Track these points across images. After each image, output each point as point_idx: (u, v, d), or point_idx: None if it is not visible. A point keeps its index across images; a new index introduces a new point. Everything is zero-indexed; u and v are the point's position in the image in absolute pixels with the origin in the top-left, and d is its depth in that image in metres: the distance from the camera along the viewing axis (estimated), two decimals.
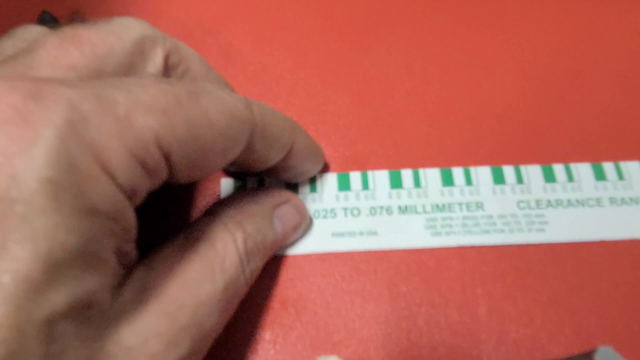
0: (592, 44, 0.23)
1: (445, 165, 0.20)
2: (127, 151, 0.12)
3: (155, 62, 0.16)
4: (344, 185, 0.20)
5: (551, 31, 0.24)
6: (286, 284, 0.19)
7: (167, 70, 0.16)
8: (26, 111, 0.11)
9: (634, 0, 0.24)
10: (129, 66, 0.15)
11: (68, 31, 0.14)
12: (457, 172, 0.20)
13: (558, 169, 0.20)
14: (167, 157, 0.13)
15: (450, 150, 0.21)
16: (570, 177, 0.20)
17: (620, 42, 0.23)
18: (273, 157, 0.17)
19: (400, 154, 0.21)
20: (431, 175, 0.20)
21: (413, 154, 0.21)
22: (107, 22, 0.15)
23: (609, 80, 0.22)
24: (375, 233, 0.19)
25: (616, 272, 0.19)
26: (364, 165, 0.21)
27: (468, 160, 0.21)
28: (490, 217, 0.19)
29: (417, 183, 0.20)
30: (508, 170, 0.20)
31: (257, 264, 0.16)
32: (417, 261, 0.19)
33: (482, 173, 0.20)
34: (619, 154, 0.21)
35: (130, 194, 0.12)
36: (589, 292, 0.18)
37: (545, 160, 0.20)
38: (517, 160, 0.21)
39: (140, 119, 0.12)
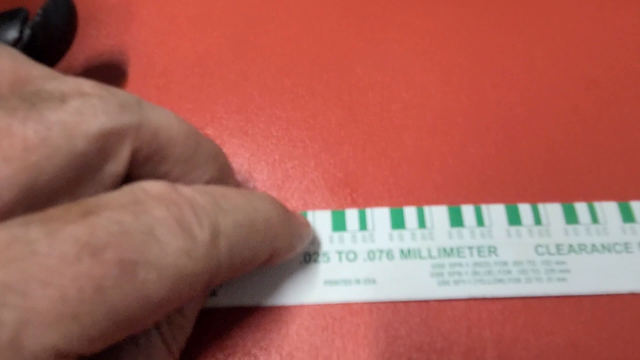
0: (611, 50, 0.21)
1: (449, 193, 0.18)
2: None
3: (119, 162, 0.12)
4: (339, 224, 0.17)
5: (564, 34, 0.21)
6: (269, 327, 0.17)
7: (134, 167, 0.13)
8: None
9: None
10: (78, 170, 0.11)
11: None
12: (467, 211, 0.18)
13: (581, 208, 0.18)
14: (76, 357, 0.10)
15: (453, 171, 0.19)
16: (594, 219, 0.18)
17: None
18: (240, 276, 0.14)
19: (397, 175, 0.19)
20: (438, 214, 0.18)
21: (411, 175, 0.19)
22: (59, 99, 0.11)
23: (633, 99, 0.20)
24: (373, 281, 0.17)
25: None
26: (357, 188, 0.18)
27: (475, 185, 0.18)
28: (505, 263, 0.17)
29: (421, 223, 0.17)
30: (524, 209, 0.18)
31: None
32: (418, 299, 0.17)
33: (496, 212, 0.18)
34: None
35: None
36: (611, 336, 0.16)
37: (567, 197, 0.18)
38: (534, 197, 0.18)
39: (34, 339, 0.09)
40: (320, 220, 0.18)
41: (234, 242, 0.12)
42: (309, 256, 0.17)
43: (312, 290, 0.17)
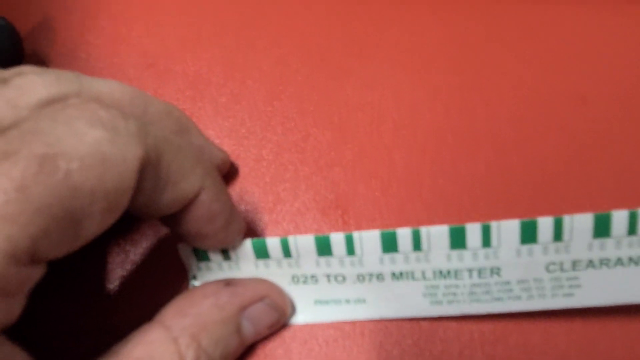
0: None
1: (440, 211, 0.18)
2: None
3: None
4: (324, 249, 0.16)
5: (553, 52, 0.21)
6: (261, 353, 0.17)
7: None
8: None
9: None
10: None
11: None
12: (473, 231, 0.15)
13: (618, 218, 0.14)
14: (30, 258, 0.10)
15: (444, 189, 0.19)
16: (632, 229, 0.14)
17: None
18: (165, 204, 0.13)
19: (387, 195, 0.19)
20: (436, 236, 0.15)
21: (402, 195, 0.19)
22: (1, 82, 0.12)
23: None
24: (363, 301, 0.17)
25: (634, 334, 0.17)
26: (348, 209, 0.19)
27: (466, 203, 0.19)
28: (507, 283, 0.16)
29: (416, 245, 0.16)
30: (544, 225, 0.15)
31: None
32: (410, 320, 0.17)
33: (507, 230, 0.15)
34: None
35: None
36: (601, 354, 0.17)
37: (558, 213, 0.16)
38: (525, 214, 0.18)
39: None
40: (302, 245, 0.16)
41: (161, 148, 0.12)
42: (297, 278, 0.17)
43: (303, 310, 0.17)
